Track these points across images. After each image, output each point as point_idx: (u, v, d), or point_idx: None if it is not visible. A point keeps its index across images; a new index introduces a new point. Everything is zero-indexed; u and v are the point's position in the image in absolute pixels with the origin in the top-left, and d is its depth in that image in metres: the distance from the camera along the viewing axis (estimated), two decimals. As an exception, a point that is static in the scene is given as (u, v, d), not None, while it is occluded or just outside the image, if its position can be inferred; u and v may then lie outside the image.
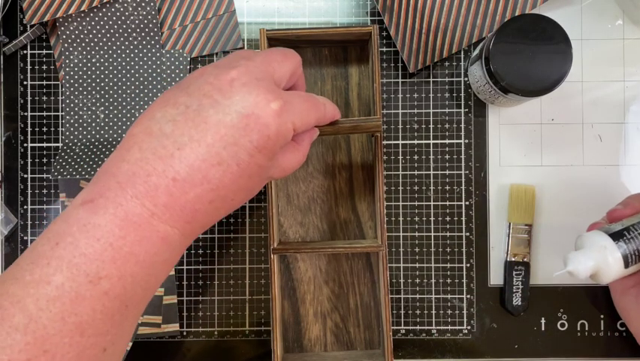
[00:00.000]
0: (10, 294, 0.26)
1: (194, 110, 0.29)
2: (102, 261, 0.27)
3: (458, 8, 0.47)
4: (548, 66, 0.39)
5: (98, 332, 0.27)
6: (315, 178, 0.47)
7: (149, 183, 0.28)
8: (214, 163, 0.29)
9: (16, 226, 0.48)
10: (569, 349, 0.47)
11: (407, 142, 0.48)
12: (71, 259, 0.27)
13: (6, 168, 0.48)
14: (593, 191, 0.47)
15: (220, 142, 0.29)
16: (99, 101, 0.48)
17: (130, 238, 0.28)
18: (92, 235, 0.27)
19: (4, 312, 0.26)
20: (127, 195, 0.28)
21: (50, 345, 0.26)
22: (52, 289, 0.26)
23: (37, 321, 0.26)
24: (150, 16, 0.47)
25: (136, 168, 0.28)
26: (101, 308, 0.27)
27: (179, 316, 0.47)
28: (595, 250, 0.37)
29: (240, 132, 0.29)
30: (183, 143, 0.28)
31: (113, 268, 0.27)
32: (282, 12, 0.48)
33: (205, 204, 0.29)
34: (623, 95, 0.47)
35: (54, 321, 0.26)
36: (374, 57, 0.43)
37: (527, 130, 0.48)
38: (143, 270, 0.28)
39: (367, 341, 0.47)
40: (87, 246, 0.27)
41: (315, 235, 0.48)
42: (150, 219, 0.28)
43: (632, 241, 0.37)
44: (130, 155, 0.29)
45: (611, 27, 0.47)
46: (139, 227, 0.28)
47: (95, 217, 0.27)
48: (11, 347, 0.25)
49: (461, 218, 0.47)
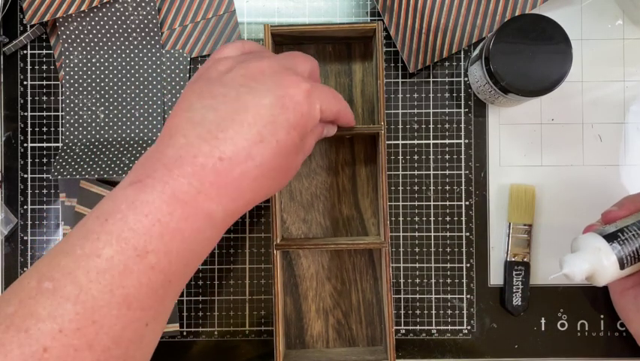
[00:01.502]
0: (62, 266, 0.27)
1: (232, 97, 0.31)
2: (150, 236, 0.28)
3: (458, 8, 0.47)
4: (548, 66, 0.39)
5: (142, 306, 0.28)
6: (318, 175, 0.48)
7: (196, 163, 0.29)
8: (256, 141, 0.30)
9: (16, 225, 0.48)
10: (569, 349, 0.47)
11: (407, 142, 0.48)
12: (120, 233, 0.28)
13: (6, 168, 0.48)
14: (593, 191, 0.47)
15: (261, 121, 0.31)
16: (99, 101, 0.48)
17: (177, 214, 0.29)
18: (140, 211, 0.28)
19: (56, 283, 0.27)
20: (174, 175, 0.29)
21: (99, 316, 0.27)
22: (101, 261, 0.27)
23: (87, 292, 0.27)
24: (150, 16, 0.47)
25: (182, 152, 0.30)
26: (146, 282, 0.28)
27: (179, 316, 0.47)
28: (589, 252, 0.37)
29: (278, 111, 0.31)
30: (226, 126, 0.30)
31: (160, 243, 0.28)
32: (282, 12, 0.48)
33: (250, 181, 0.31)
34: (623, 95, 0.47)
35: (103, 293, 0.27)
36: (378, 54, 0.43)
37: (527, 130, 0.48)
38: (188, 246, 0.29)
39: (369, 337, 0.47)
40: (135, 221, 0.28)
41: (318, 232, 0.48)
42: (197, 196, 0.29)
43: (626, 243, 0.37)
44: (174, 141, 0.30)
45: (611, 27, 0.47)
46: (186, 204, 0.29)
47: (142, 195, 0.29)
48: (62, 316, 0.26)
49: (461, 218, 0.47)
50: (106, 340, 0.27)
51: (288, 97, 0.32)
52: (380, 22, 0.44)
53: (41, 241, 0.48)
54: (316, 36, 0.46)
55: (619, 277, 0.37)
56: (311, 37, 0.46)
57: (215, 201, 0.30)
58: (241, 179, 0.30)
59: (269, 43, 0.43)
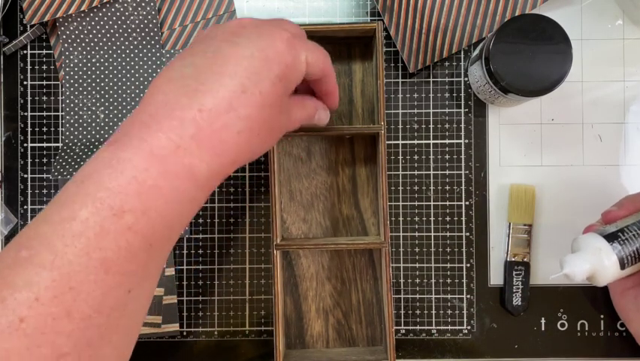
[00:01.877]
0: (41, 234, 0.26)
1: (212, 51, 0.30)
2: (126, 194, 0.27)
3: (458, 8, 0.47)
4: (548, 66, 0.39)
5: (122, 270, 0.27)
6: (318, 175, 0.48)
7: (174, 116, 0.28)
8: (238, 92, 0.29)
9: (16, 226, 0.48)
10: (569, 349, 0.47)
11: (407, 142, 0.48)
12: (95, 193, 0.27)
13: (6, 168, 0.48)
14: (593, 191, 0.47)
15: (243, 72, 0.29)
16: (99, 101, 0.48)
17: (154, 170, 0.27)
18: (115, 168, 0.27)
19: (32, 251, 0.26)
20: (151, 130, 0.28)
21: (76, 282, 0.25)
22: (77, 224, 0.26)
23: (63, 257, 0.25)
24: (150, 16, 0.47)
25: (160, 108, 0.29)
26: (125, 245, 0.27)
27: (179, 316, 0.47)
28: (590, 252, 0.37)
29: (261, 63, 0.30)
30: (205, 79, 0.29)
31: (137, 201, 0.27)
32: (282, 12, 0.48)
33: (233, 134, 0.29)
34: (623, 95, 0.47)
35: (79, 257, 0.26)
36: (378, 54, 0.43)
37: (527, 130, 0.48)
38: (168, 206, 0.28)
39: (369, 337, 0.47)
40: (111, 180, 0.27)
41: (318, 232, 0.48)
42: (176, 151, 0.28)
43: (627, 243, 0.37)
44: (152, 99, 0.29)
45: (611, 27, 0.47)
46: (163, 159, 0.28)
47: (119, 153, 0.28)
48: (38, 284, 0.25)
49: (461, 218, 0.47)
50: (85, 307, 0.26)
51: (271, 48, 0.31)
52: (380, 22, 0.44)
53: (41, 241, 0.48)
54: (317, 36, 0.46)
55: (619, 277, 0.37)
56: (311, 37, 0.46)
57: (196, 156, 0.28)
58: (223, 132, 0.29)
59: None
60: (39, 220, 0.27)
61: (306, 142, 0.48)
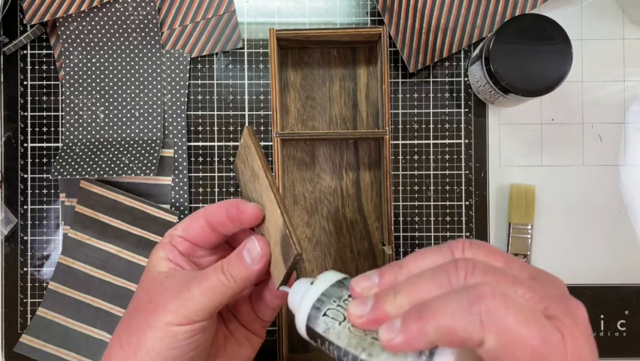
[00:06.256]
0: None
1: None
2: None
3: (458, 8, 0.47)
4: (548, 66, 0.39)
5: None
6: (321, 179, 0.47)
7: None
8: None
9: (16, 225, 0.48)
10: (569, 349, 0.47)
11: (407, 142, 0.48)
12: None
13: (6, 168, 0.48)
14: (593, 191, 0.47)
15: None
16: (99, 101, 0.48)
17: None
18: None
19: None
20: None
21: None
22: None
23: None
24: (150, 16, 0.47)
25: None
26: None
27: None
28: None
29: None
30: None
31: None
32: (282, 12, 0.48)
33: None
34: (623, 95, 0.47)
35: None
36: (383, 58, 0.43)
37: (527, 130, 0.48)
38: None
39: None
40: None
41: (322, 236, 0.48)
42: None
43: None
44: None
45: (611, 27, 0.47)
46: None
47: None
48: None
49: (461, 218, 0.47)
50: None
51: None
52: (385, 26, 0.44)
53: (41, 241, 0.48)
54: (321, 40, 0.45)
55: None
56: (316, 41, 0.46)
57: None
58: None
59: (274, 47, 0.43)
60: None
61: (310, 146, 0.48)
